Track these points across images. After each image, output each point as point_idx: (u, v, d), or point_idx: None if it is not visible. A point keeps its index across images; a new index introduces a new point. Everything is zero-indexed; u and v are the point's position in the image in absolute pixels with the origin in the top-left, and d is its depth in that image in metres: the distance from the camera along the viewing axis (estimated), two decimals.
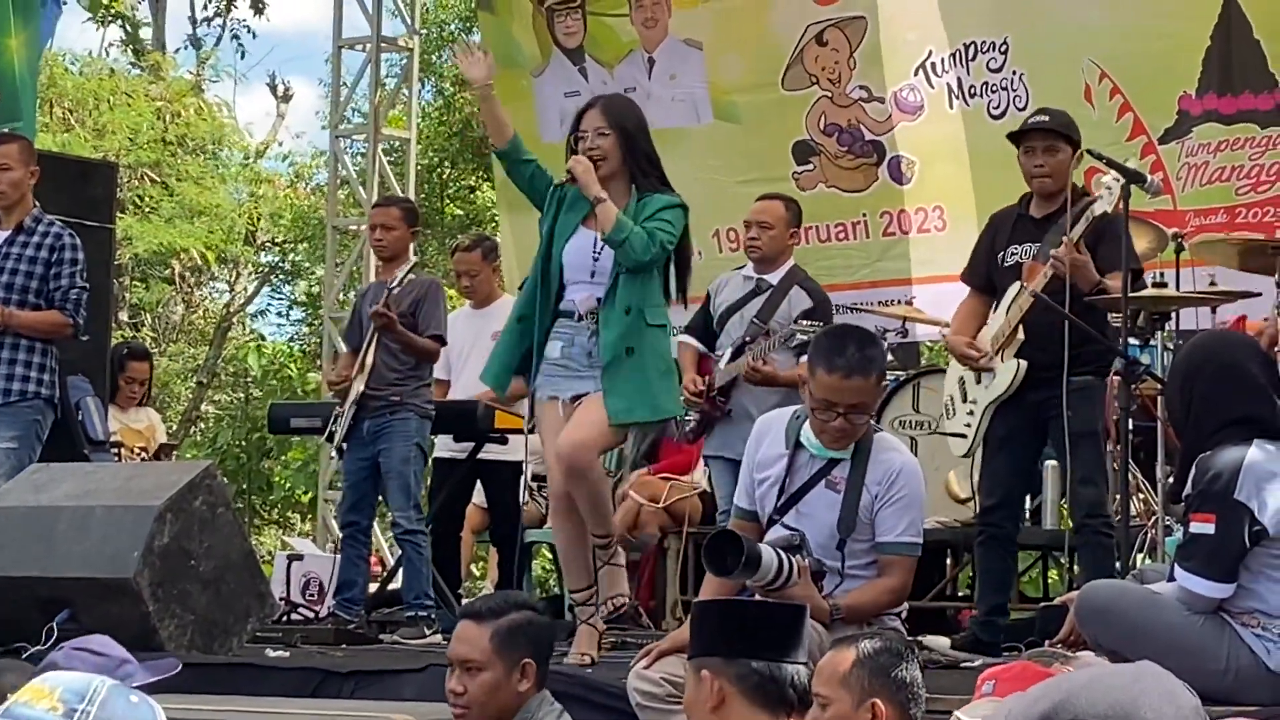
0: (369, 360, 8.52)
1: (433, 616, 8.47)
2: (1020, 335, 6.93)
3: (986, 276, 7.23)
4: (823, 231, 11.28)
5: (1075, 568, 7.95)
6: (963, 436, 7.14)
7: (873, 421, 5.63)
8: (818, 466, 5.55)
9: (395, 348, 8.54)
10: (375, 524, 9.91)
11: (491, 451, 9.14)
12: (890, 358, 10.05)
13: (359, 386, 8.52)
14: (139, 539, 6.66)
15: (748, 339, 7.91)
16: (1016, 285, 6.95)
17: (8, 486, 7.53)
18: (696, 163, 11.48)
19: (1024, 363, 6.91)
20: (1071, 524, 7.12)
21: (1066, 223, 6.83)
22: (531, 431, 7.38)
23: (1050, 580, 10.66)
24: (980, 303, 7.22)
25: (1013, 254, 7.10)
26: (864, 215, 11.23)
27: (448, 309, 8.99)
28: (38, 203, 8.38)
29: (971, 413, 7.08)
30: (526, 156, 6.93)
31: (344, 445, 8.64)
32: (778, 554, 5.22)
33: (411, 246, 8.94)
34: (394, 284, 8.57)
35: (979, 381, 7.08)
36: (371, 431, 8.54)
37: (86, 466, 8.50)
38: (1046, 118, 7.24)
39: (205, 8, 24.73)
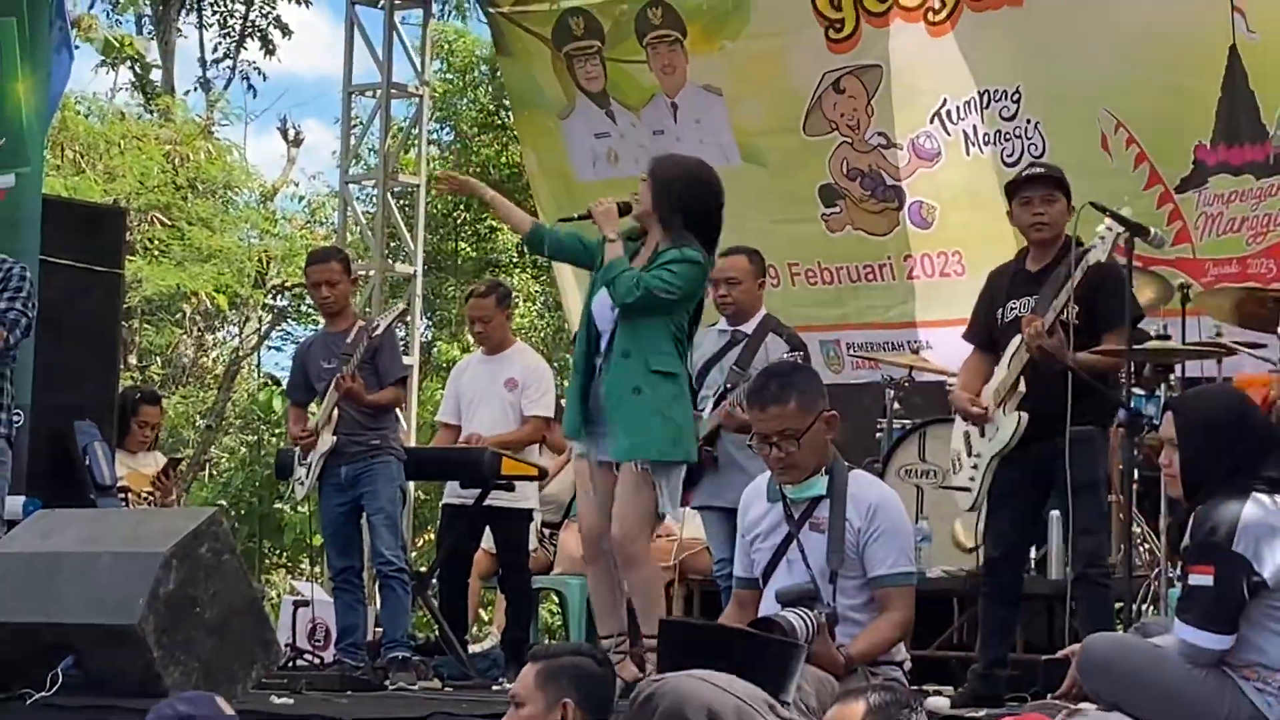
0: (334, 413, 8.53)
1: (416, 657, 8.52)
2: (1021, 388, 6.93)
3: (987, 333, 7.23)
4: (853, 272, 11.53)
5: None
6: (968, 490, 7.15)
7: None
8: (800, 512, 5.75)
9: None
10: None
11: (499, 498, 9.14)
12: (898, 406, 10.06)
13: (328, 439, 8.53)
14: (144, 585, 6.66)
15: (729, 386, 7.94)
16: (1018, 339, 6.95)
17: (14, 532, 7.52)
18: (727, 203, 11.52)
19: (1025, 415, 6.91)
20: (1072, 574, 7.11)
21: (1062, 275, 6.83)
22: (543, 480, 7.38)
23: (1055, 630, 10.62)
24: (983, 360, 7.22)
25: (1011, 309, 7.10)
26: (889, 258, 11.43)
27: (400, 349, 9.16)
28: None
29: (976, 466, 7.09)
30: (555, 235, 7.25)
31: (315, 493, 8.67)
32: (801, 616, 5.35)
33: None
34: (349, 338, 8.55)
35: (983, 435, 7.08)
36: (350, 476, 8.55)
37: (93, 512, 8.52)
38: (1042, 169, 7.27)
39: (215, 49, 24.89)
